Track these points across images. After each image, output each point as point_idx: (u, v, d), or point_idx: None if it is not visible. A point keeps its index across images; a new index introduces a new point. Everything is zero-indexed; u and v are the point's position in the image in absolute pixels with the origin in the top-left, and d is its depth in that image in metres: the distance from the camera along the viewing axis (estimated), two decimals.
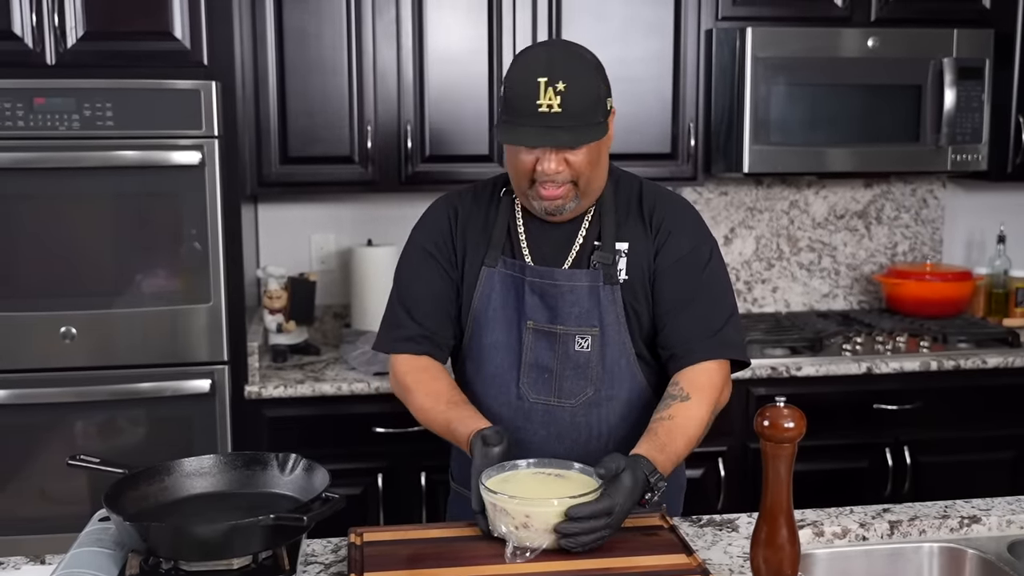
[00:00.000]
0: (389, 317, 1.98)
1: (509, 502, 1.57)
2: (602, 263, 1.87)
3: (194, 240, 2.77)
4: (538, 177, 1.78)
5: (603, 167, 1.87)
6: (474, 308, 1.92)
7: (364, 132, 3.10)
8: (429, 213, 2.01)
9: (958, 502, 1.97)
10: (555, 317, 1.88)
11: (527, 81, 1.73)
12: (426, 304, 1.94)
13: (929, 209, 3.76)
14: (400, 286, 1.98)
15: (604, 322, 1.87)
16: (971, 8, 3.32)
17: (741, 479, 3.11)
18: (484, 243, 1.93)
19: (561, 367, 1.88)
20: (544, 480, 1.70)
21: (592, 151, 1.79)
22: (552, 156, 1.75)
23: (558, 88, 1.71)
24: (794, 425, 1.48)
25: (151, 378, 2.79)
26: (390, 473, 2.95)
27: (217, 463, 1.73)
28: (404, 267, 1.99)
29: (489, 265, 1.91)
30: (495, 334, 1.91)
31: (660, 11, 3.18)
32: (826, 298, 3.75)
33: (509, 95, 1.76)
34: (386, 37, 3.08)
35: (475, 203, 1.97)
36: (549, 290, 1.88)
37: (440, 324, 1.94)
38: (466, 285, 1.93)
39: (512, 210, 1.94)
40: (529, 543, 1.57)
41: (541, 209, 1.84)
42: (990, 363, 3.15)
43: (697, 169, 3.26)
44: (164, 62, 2.74)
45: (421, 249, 1.96)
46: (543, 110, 1.71)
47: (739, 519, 1.89)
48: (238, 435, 2.86)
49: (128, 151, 2.70)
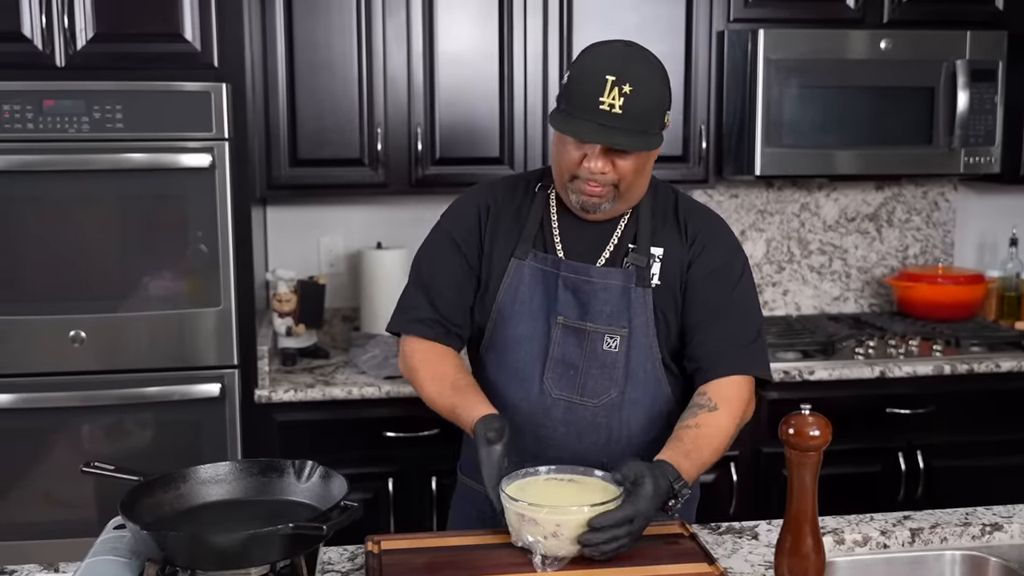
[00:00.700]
0: (404, 299, 1.98)
1: (538, 511, 1.55)
2: (636, 265, 1.87)
3: (204, 243, 2.75)
4: (581, 173, 1.78)
5: (646, 177, 1.86)
6: (500, 300, 1.90)
7: (374, 134, 3.08)
8: (461, 203, 2.00)
9: (979, 509, 1.95)
10: (586, 314, 1.87)
11: (595, 76, 1.70)
12: (443, 290, 1.93)
13: (940, 212, 3.74)
14: (419, 270, 1.97)
15: (633, 324, 1.86)
16: (984, 9, 3.30)
17: (754, 484, 3.09)
18: (515, 235, 1.92)
19: (587, 365, 1.87)
20: (562, 486, 1.68)
21: (640, 159, 1.78)
22: (600, 156, 1.75)
23: (624, 90, 1.69)
24: (820, 433, 1.46)
25: (160, 382, 2.77)
26: (401, 478, 2.94)
27: (233, 470, 1.71)
28: (426, 252, 1.98)
29: (519, 257, 1.90)
30: (520, 327, 1.89)
31: (671, 13, 3.17)
32: (837, 301, 3.73)
33: (572, 86, 1.73)
34: (396, 39, 3.06)
35: (509, 196, 1.96)
36: (583, 286, 1.87)
37: (455, 312, 1.93)
38: (492, 277, 1.92)
39: (547, 205, 1.93)
40: (558, 552, 1.56)
41: (577, 203, 1.83)
42: (1004, 367, 3.13)
43: (708, 172, 3.24)
44: (174, 64, 2.72)
45: (447, 237, 1.95)
46: (604, 108, 1.69)
47: (759, 526, 1.87)
48: (248, 440, 2.84)
49: (138, 153, 2.68)
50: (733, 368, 1.84)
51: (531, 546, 1.56)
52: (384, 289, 3.24)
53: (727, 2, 3.19)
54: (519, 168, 3.15)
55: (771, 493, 3.11)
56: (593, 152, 1.74)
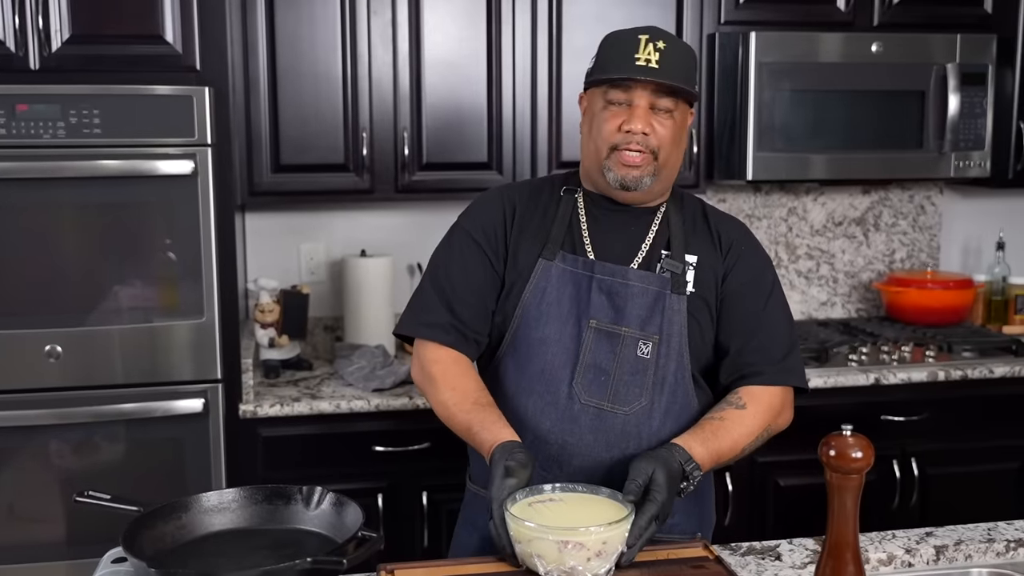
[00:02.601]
0: (418, 301, 1.90)
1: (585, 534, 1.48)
2: (672, 271, 1.83)
3: (186, 253, 2.64)
4: (621, 142, 1.77)
5: (680, 150, 1.85)
6: (524, 301, 1.84)
7: (359, 139, 2.99)
8: (482, 202, 1.94)
9: (1000, 524, 1.91)
10: (621, 318, 1.81)
11: (627, 38, 1.76)
12: (463, 294, 1.86)
13: (926, 215, 3.72)
14: (436, 271, 1.90)
15: (666, 331, 1.81)
16: (973, 13, 3.28)
17: (749, 495, 3.04)
18: (542, 237, 1.86)
19: (619, 371, 1.80)
20: (573, 507, 1.60)
21: (675, 128, 1.79)
22: (642, 114, 1.75)
23: (658, 46, 1.73)
24: (862, 455, 1.40)
25: (141, 398, 2.66)
26: (391, 493, 2.85)
27: (237, 497, 1.62)
28: (443, 252, 1.92)
29: (547, 258, 1.84)
30: (547, 329, 1.82)
31: (661, 15, 3.11)
32: (824, 306, 3.70)
33: (605, 52, 1.79)
34: (382, 41, 2.97)
35: (534, 197, 1.91)
36: (619, 289, 1.82)
37: (474, 317, 1.86)
38: (517, 278, 1.86)
39: (574, 207, 1.89)
40: (601, 570, 1.50)
41: (616, 181, 1.80)
42: (997, 372, 3.10)
43: (700, 176, 3.19)
44: (154, 67, 2.62)
45: (467, 236, 1.89)
46: (640, 63, 1.73)
47: (780, 546, 1.82)
48: (232, 456, 2.74)
49: (116, 160, 2.56)
50: (770, 380, 1.84)
51: (573, 571, 1.49)
52: (369, 298, 3.16)
53: (718, 4, 3.14)
54: (507, 174, 3.07)
55: (766, 503, 3.06)
56: (633, 113, 1.75)
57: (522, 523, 1.51)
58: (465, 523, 1.98)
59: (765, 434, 1.83)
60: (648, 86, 1.75)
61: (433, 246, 1.96)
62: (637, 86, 1.76)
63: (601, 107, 1.80)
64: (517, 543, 1.53)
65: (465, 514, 2.00)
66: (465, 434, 1.78)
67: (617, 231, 1.87)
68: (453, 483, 2.83)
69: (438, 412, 1.85)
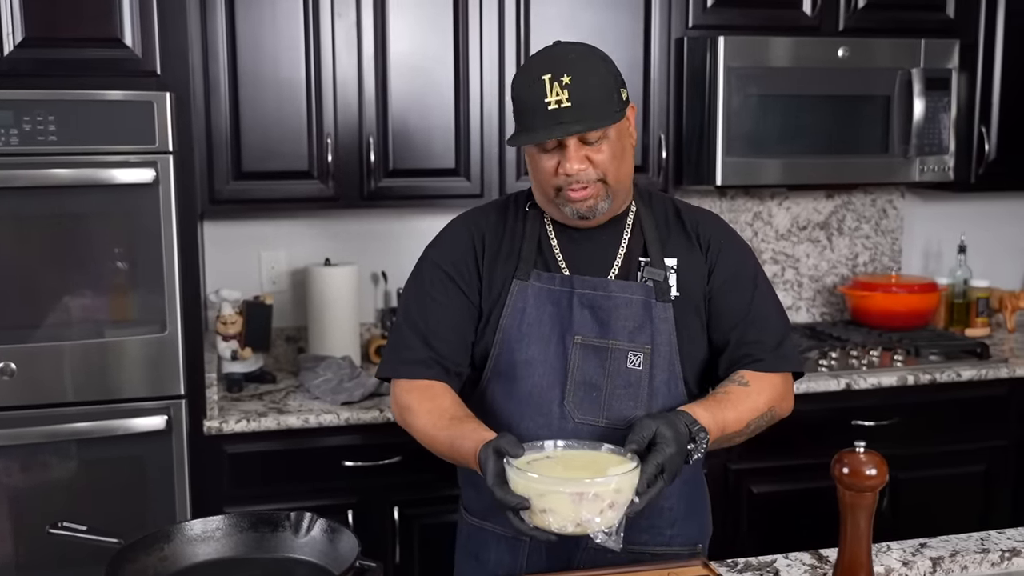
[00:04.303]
0: (395, 340, 1.85)
1: (602, 485, 1.43)
2: (653, 279, 1.78)
3: (146, 265, 2.54)
4: (563, 184, 1.70)
5: (628, 163, 1.78)
6: (503, 324, 1.79)
7: (323, 145, 2.91)
8: (450, 232, 1.88)
9: (992, 533, 1.90)
10: (607, 331, 1.77)
11: (532, 82, 1.67)
12: (438, 328, 1.80)
13: (888, 219, 3.74)
14: (409, 309, 1.85)
15: (655, 340, 1.77)
16: (936, 18, 3.30)
17: (723, 502, 3.00)
18: (513, 257, 1.81)
19: (611, 385, 1.76)
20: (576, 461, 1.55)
21: (615, 146, 1.72)
22: (573, 155, 1.68)
23: (564, 82, 1.64)
24: (876, 472, 1.38)
25: (100, 416, 2.54)
26: (361, 508, 2.77)
27: (221, 526, 1.55)
28: (415, 288, 1.86)
29: (521, 279, 1.79)
30: (530, 350, 1.77)
31: (629, 19, 3.08)
32: (789, 311, 3.69)
33: (517, 103, 1.71)
34: (346, 45, 2.90)
35: (500, 219, 1.86)
36: (602, 303, 1.77)
37: (454, 350, 1.81)
38: (493, 304, 1.81)
39: (541, 223, 1.83)
40: (615, 522, 1.45)
41: (573, 213, 1.74)
42: (964, 376, 3.12)
43: (668, 181, 3.16)
44: (112, 71, 2.51)
45: (437, 269, 1.84)
46: (552, 107, 1.64)
47: (776, 561, 1.79)
48: (196, 475, 2.64)
49: (73, 168, 2.45)
50: (769, 367, 1.81)
51: (587, 524, 1.43)
52: (333, 308, 3.08)
53: (685, 8, 3.11)
54: (475, 180, 3.02)
55: (739, 510, 3.05)
56: (565, 155, 1.68)
57: (532, 477, 1.44)
58: (468, 557, 1.91)
59: (769, 415, 1.80)
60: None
61: (399, 254, 1.92)
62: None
63: (536, 151, 1.73)
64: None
65: (468, 547, 1.92)
66: (449, 452, 1.72)
67: (589, 243, 1.82)
68: (425, 497, 2.78)
69: (422, 441, 1.78)
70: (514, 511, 1.46)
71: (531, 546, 1.79)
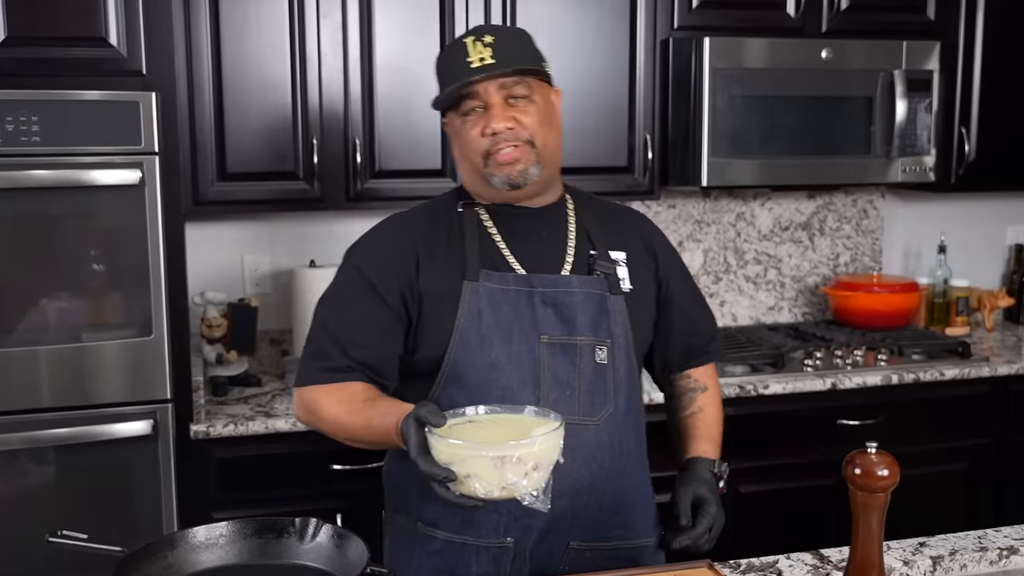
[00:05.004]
0: (314, 350, 1.76)
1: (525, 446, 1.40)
2: (605, 272, 1.79)
3: (132, 268, 2.50)
4: (490, 144, 1.70)
5: (556, 132, 1.79)
6: (460, 327, 1.71)
7: (309, 146, 2.88)
8: (375, 237, 1.82)
9: (989, 532, 1.92)
10: (573, 328, 1.74)
11: (454, 48, 1.71)
12: (359, 337, 1.72)
13: (869, 219, 3.77)
14: (326, 316, 1.77)
15: (614, 333, 1.77)
16: (917, 20, 3.33)
17: None
18: (457, 259, 1.75)
19: (582, 381, 1.74)
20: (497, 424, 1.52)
21: (541, 111, 1.73)
22: (499, 112, 1.69)
23: (486, 40, 1.68)
24: (889, 473, 1.38)
25: (85, 421, 2.50)
26: (350, 513, 2.74)
27: (225, 532, 1.52)
28: (333, 295, 1.79)
29: (471, 279, 1.73)
30: (494, 352, 1.71)
31: (614, 20, 3.07)
32: (772, 311, 3.71)
33: (441, 73, 1.75)
34: (332, 46, 2.87)
35: (431, 222, 1.81)
36: (564, 299, 1.75)
37: (376, 358, 1.73)
38: (440, 308, 1.73)
39: (479, 222, 1.79)
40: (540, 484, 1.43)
41: (502, 182, 1.72)
42: (947, 375, 3.15)
43: (654, 182, 3.16)
44: (97, 71, 2.47)
45: (359, 276, 1.76)
46: (476, 65, 1.67)
47: (779, 562, 1.79)
48: (183, 480, 2.60)
49: (57, 170, 2.41)
50: (714, 358, 2.01)
51: (514, 487, 1.41)
52: None
53: (671, 9, 3.12)
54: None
55: (727, 510, 3.01)
56: (490, 114, 1.69)
57: (454, 443, 1.41)
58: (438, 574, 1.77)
59: None
60: (494, 81, 1.69)
61: None
62: (484, 85, 1.69)
63: (461, 123, 1.74)
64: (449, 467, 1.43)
65: (438, 564, 1.76)
66: (367, 435, 1.65)
67: (537, 241, 1.80)
68: None
69: (334, 431, 1.73)
70: (439, 482, 1.42)
71: (515, 551, 1.74)
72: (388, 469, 1.90)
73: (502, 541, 1.72)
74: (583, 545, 1.76)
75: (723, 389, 2.91)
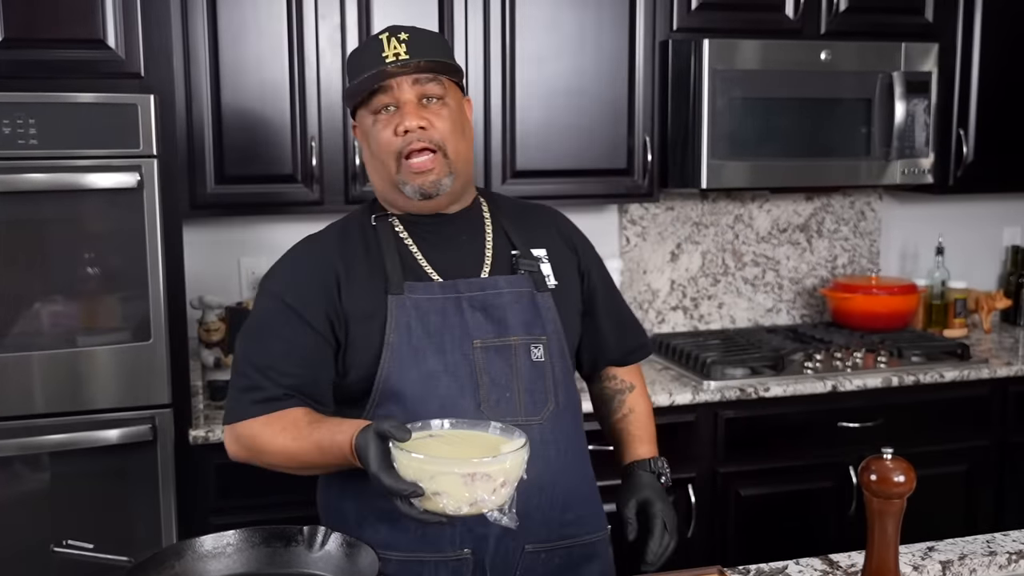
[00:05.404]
0: (243, 384, 1.68)
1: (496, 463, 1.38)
2: (529, 270, 1.78)
3: (130, 272, 2.48)
4: (402, 145, 1.67)
5: (468, 141, 1.77)
6: (391, 342, 1.67)
7: (307, 149, 2.86)
8: (290, 263, 1.77)
9: (998, 536, 1.91)
10: (505, 329, 1.73)
11: (369, 43, 1.71)
12: (285, 365, 1.66)
13: (867, 221, 3.76)
14: (249, 348, 1.70)
15: (547, 330, 1.76)
16: (915, 22, 3.32)
17: (711, 505, 3.01)
18: (378, 274, 1.71)
19: (520, 382, 1.72)
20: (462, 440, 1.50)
21: (454, 116, 1.72)
22: (412, 111, 1.67)
23: (402, 37, 1.68)
24: (905, 479, 1.37)
25: (82, 427, 2.47)
26: None
27: (232, 541, 1.51)
28: (255, 325, 1.72)
29: (395, 293, 1.69)
30: (428, 364, 1.68)
31: (614, 21, 3.06)
32: (770, 313, 3.70)
33: (354, 67, 1.72)
34: (330, 46, 2.85)
35: (344, 241, 1.77)
36: (493, 301, 1.73)
37: (307, 385, 1.68)
38: (367, 326, 1.68)
39: (395, 234, 1.76)
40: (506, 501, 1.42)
41: (414, 191, 1.70)
42: (947, 377, 3.14)
43: (654, 184, 3.15)
44: (95, 73, 2.45)
45: (278, 302, 1.70)
46: (391, 60, 1.67)
47: (788, 567, 1.78)
48: (183, 486, 2.58)
49: (54, 173, 2.38)
50: (644, 355, 2.02)
51: (482, 504, 1.39)
52: None
53: (670, 11, 3.11)
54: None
55: (727, 514, 3.04)
56: (405, 111, 1.67)
57: (423, 459, 1.38)
58: None
59: None
60: (407, 77, 1.68)
61: None
62: (398, 80, 1.67)
63: (372, 122, 1.71)
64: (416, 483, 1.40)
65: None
66: (318, 458, 1.60)
67: (456, 247, 1.77)
68: None
69: (281, 464, 1.66)
70: (403, 498, 1.39)
71: (473, 562, 1.70)
72: (322, 495, 1.85)
73: (460, 553, 1.69)
74: (539, 547, 1.74)
75: (723, 392, 2.94)
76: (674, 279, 3.57)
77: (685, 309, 3.59)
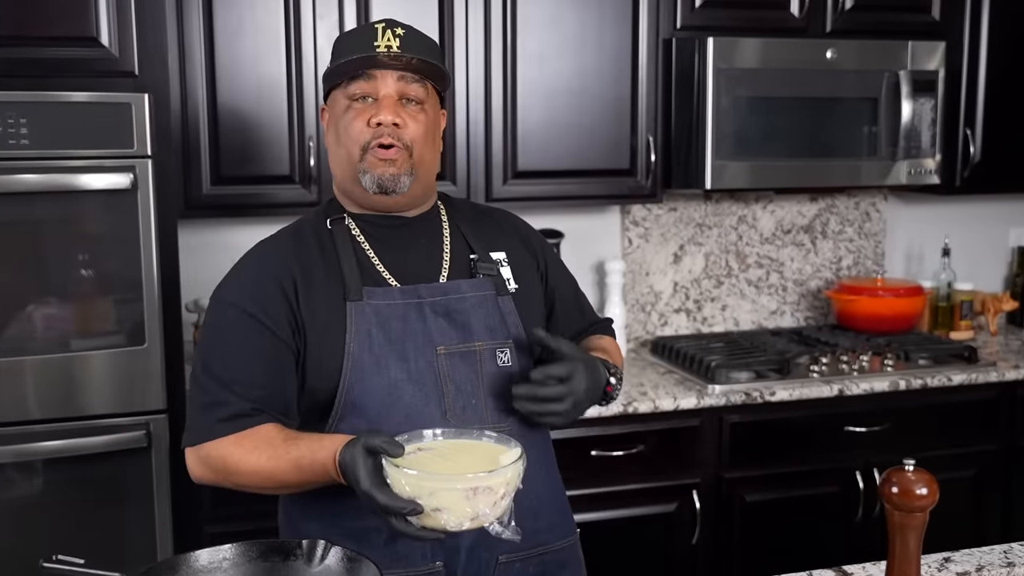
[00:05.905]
0: (205, 400, 1.60)
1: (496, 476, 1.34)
2: (488, 274, 1.74)
3: (124, 275, 2.43)
4: (372, 136, 1.63)
5: (436, 152, 1.73)
6: (352, 351, 1.61)
7: (305, 149, 2.81)
8: (244, 269, 1.69)
9: (1015, 546, 1.86)
10: (469, 335, 1.68)
11: (363, 29, 1.67)
12: (249, 375, 1.59)
13: (872, 222, 3.72)
14: (209, 361, 1.61)
15: (511, 333, 1.72)
16: (922, 20, 3.28)
17: (715, 512, 2.96)
18: (335, 280, 1.65)
19: (486, 388, 1.66)
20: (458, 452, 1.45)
21: (429, 124, 1.68)
22: (390, 105, 1.63)
23: (397, 32, 1.64)
24: (927, 492, 1.32)
25: (75, 433, 2.42)
26: None
27: (229, 555, 1.44)
28: (213, 337, 1.64)
29: (354, 299, 1.63)
30: (391, 372, 1.62)
31: (616, 19, 3.02)
32: (774, 315, 3.65)
33: (341, 48, 1.68)
34: (329, 44, 2.76)
35: (300, 245, 1.69)
36: (456, 306, 1.68)
37: (273, 396, 1.60)
38: (326, 333, 1.62)
39: (350, 236, 1.71)
40: (506, 512, 1.39)
41: (373, 183, 1.64)
42: (955, 380, 3.10)
43: (657, 185, 3.10)
44: (88, 72, 2.40)
45: (237, 311, 1.62)
46: (382, 50, 1.62)
47: None
48: (177, 494, 2.53)
49: (46, 174, 2.34)
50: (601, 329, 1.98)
51: (484, 518, 1.35)
52: None
53: (673, 9, 3.06)
54: (461, 184, 2.94)
55: (732, 520, 2.99)
56: (382, 104, 1.63)
57: (421, 475, 1.33)
58: None
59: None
60: (393, 72, 1.63)
61: None
62: (384, 72, 1.63)
63: (345, 107, 1.66)
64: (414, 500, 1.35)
65: None
66: (296, 477, 1.53)
67: (414, 251, 1.72)
68: None
69: (255, 484, 1.58)
70: (401, 516, 1.34)
71: (446, 574, 1.65)
72: (284, 515, 1.78)
73: (432, 566, 1.63)
74: (514, 557, 1.69)
75: (728, 396, 2.91)
76: (677, 281, 3.52)
77: (688, 311, 3.54)
